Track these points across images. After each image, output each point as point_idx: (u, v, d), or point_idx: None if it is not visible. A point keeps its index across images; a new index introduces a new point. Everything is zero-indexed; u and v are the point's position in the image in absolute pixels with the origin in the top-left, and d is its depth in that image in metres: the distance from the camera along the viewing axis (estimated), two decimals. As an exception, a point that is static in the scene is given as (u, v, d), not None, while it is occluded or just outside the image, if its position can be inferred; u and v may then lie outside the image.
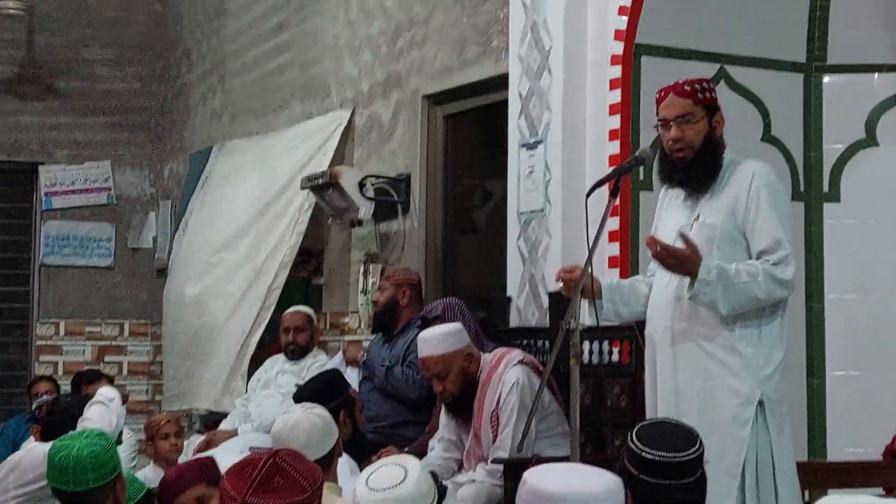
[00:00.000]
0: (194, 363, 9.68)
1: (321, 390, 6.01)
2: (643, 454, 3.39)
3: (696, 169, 4.76)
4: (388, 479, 3.31)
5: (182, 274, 10.28)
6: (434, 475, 5.52)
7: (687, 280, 4.63)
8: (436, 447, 6.09)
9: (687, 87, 4.80)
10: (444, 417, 6.06)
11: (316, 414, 4.54)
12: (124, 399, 6.43)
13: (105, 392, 6.07)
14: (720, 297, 4.60)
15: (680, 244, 4.63)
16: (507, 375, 5.71)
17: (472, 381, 5.82)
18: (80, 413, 6.04)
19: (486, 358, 5.88)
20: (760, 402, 4.63)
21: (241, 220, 9.52)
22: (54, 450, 4.16)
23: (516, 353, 5.86)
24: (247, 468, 3.19)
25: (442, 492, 5.76)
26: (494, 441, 5.67)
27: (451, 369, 5.79)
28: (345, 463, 5.27)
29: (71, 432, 4.33)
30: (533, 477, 3.01)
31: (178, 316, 10.11)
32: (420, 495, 3.31)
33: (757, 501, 4.63)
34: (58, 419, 5.95)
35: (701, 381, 4.68)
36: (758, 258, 4.68)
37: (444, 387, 5.82)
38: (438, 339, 5.82)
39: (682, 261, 4.61)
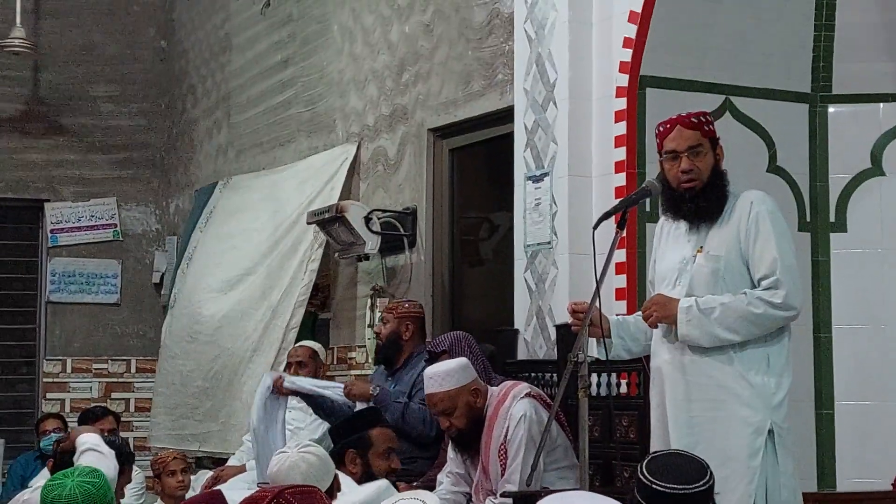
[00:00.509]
0: (215, 405, 9.56)
1: (342, 424, 5.94)
2: (654, 486, 3.38)
3: (706, 199, 4.77)
4: (408, 514, 3.31)
5: (187, 309, 10.20)
6: (444, 510, 5.53)
7: None
8: (444, 481, 6.06)
9: (693, 119, 4.82)
10: (451, 451, 6.04)
11: (310, 453, 4.56)
12: (102, 433, 6.21)
13: (89, 439, 5.79)
14: (706, 328, 4.61)
15: (685, 278, 4.70)
16: (515, 409, 5.69)
17: (479, 415, 5.79)
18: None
19: (493, 391, 5.86)
20: (770, 431, 4.62)
21: (252, 257, 9.47)
22: (46, 490, 4.08)
23: (523, 387, 5.83)
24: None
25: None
26: (503, 475, 5.64)
27: (457, 405, 5.75)
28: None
29: (63, 470, 4.25)
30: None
31: (190, 354, 10.01)
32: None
33: (768, 532, 4.62)
34: (67, 458, 5.89)
35: (711, 411, 4.67)
36: (758, 285, 4.69)
37: (451, 423, 5.79)
38: (443, 375, 5.78)
39: (655, 308, 4.72)
